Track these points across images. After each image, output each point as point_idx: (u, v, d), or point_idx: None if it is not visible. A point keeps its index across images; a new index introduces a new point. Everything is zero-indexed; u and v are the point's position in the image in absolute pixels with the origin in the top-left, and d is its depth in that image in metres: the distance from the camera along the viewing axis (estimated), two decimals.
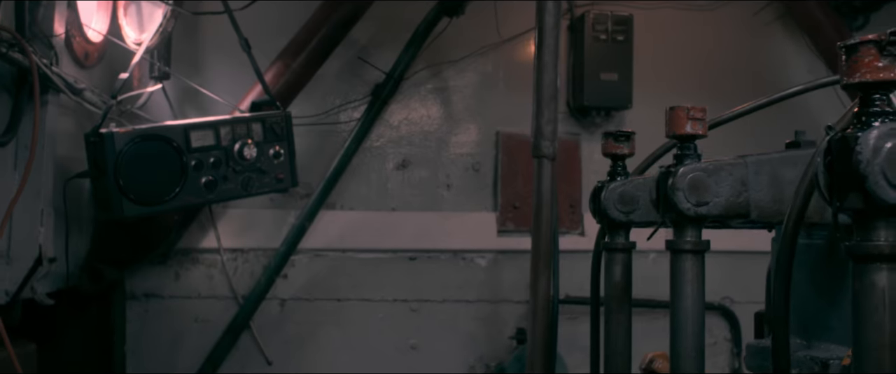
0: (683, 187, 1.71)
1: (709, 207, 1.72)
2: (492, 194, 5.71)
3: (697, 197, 1.72)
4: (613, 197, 2.10)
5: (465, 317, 5.66)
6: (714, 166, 1.74)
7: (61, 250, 3.98)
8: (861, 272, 1.17)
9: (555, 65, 3.25)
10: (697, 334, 1.78)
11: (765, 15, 6.03)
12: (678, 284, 1.79)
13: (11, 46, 3.20)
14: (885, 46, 1.14)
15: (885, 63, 1.14)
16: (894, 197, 1.09)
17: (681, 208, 1.72)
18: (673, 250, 1.80)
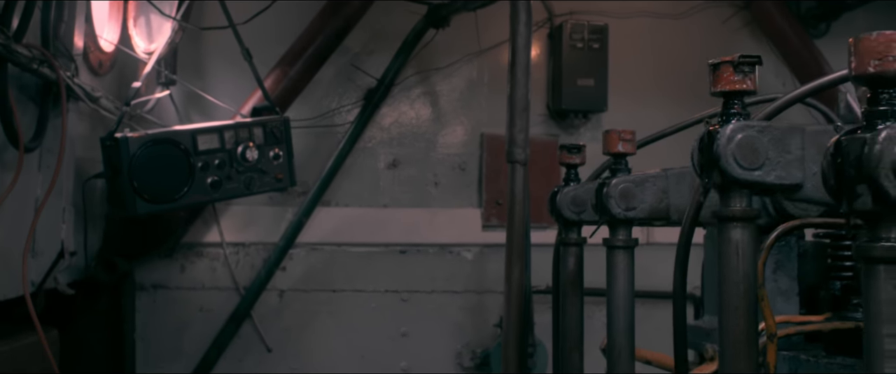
0: (615, 195, 2.10)
1: (636, 211, 2.10)
2: (477, 191, 6.03)
3: (627, 203, 2.10)
4: (567, 200, 2.47)
5: (453, 307, 5.98)
6: (641, 178, 2.13)
7: (80, 244, 4.34)
8: (720, 231, 1.56)
9: (526, 81, 3.65)
10: (629, 314, 2.17)
11: (733, 22, 6.34)
12: (613, 274, 2.18)
13: (42, 63, 3.54)
14: (738, 66, 1.52)
15: (738, 78, 1.52)
16: (741, 174, 1.47)
17: (613, 212, 2.10)
18: (608, 247, 2.19)
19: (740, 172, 1.49)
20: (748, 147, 1.49)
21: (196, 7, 5.12)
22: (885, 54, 1.15)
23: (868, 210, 1.18)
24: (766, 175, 1.49)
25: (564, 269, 2.55)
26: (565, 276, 2.53)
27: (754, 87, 1.54)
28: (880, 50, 1.15)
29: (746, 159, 1.49)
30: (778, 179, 1.50)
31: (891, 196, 1.12)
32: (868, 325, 1.19)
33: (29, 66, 3.39)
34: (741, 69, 1.52)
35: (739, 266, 1.51)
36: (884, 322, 1.16)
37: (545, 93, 6.11)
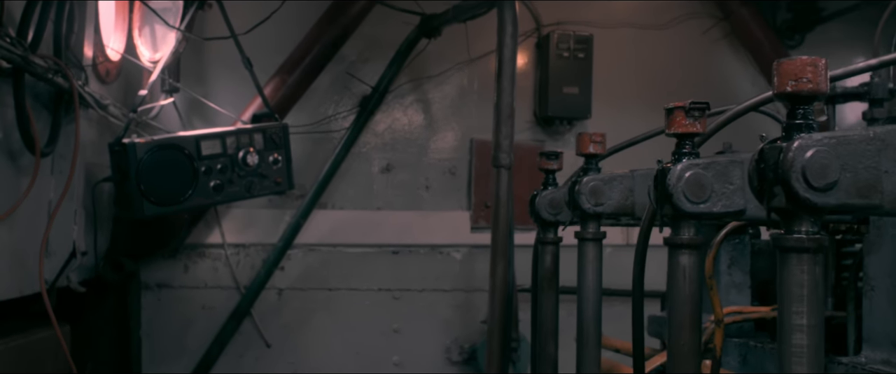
0: (585, 191, 2.34)
1: (604, 207, 2.35)
2: (466, 194, 6.25)
3: (596, 199, 2.35)
4: (544, 202, 2.71)
5: (443, 304, 6.19)
6: (609, 178, 2.37)
7: (91, 244, 4.54)
8: (671, 255, 1.78)
9: (512, 90, 3.91)
10: (596, 302, 2.42)
11: (713, 33, 6.59)
12: (583, 264, 2.43)
13: (56, 73, 3.75)
14: (689, 111, 1.75)
15: (689, 121, 1.75)
16: (690, 208, 1.70)
17: (583, 207, 2.35)
18: (579, 239, 2.44)
19: (690, 206, 1.70)
20: (696, 183, 1.70)
21: (198, 17, 5.33)
22: (799, 76, 1.37)
23: (783, 208, 1.39)
24: (712, 206, 1.71)
25: (542, 266, 2.79)
26: (542, 272, 2.77)
27: (703, 129, 1.77)
28: (796, 73, 1.38)
29: (695, 195, 1.70)
30: (723, 208, 1.71)
31: (800, 196, 1.35)
32: (781, 303, 1.41)
33: (44, 76, 3.58)
34: (692, 114, 1.75)
35: (685, 287, 1.74)
36: (793, 300, 1.39)
37: (532, 100, 6.34)
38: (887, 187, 1.34)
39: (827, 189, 1.32)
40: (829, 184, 1.33)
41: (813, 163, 1.32)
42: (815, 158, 1.32)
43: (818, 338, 1.36)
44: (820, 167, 1.32)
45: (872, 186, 1.34)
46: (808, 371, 1.34)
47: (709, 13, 6.59)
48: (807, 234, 1.36)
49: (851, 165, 1.34)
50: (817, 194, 1.32)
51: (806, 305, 1.34)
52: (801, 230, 1.37)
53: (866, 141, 1.34)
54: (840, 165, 1.33)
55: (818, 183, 1.32)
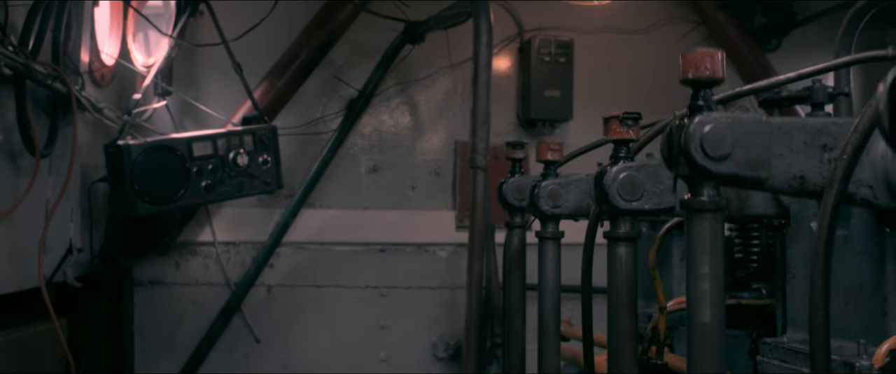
0: (544, 195, 2.54)
1: (561, 208, 2.55)
2: (451, 194, 6.41)
3: (553, 202, 2.55)
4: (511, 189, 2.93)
5: (429, 302, 6.33)
6: (566, 181, 2.57)
7: (86, 242, 4.72)
8: (610, 247, 1.98)
9: (487, 95, 4.11)
10: (555, 294, 2.62)
11: (691, 38, 6.70)
12: (543, 261, 2.63)
13: (54, 78, 3.92)
14: (623, 121, 1.95)
15: (623, 129, 1.96)
16: (625, 205, 1.90)
17: (542, 209, 2.55)
18: (540, 238, 2.64)
19: (623, 203, 1.92)
20: (629, 184, 1.91)
21: (190, 24, 5.51)
22: (700, 65, 1.58)
23: (686, 175, 1.62)
24: (644, 204, 1.92)
25: (509, 249, 2.99)
26: (510, 255, 2.97)
27: (636, 136, 1.99)
28: (697, 63, 1.59)
29: (628, 193, 1.92)
30: (654, 205, 1.93)
31: (698, 164, 1.57)
32: (689, 256, 1.62)
33: (44, 82, 3.76)
34: (626, 123, 1.96)
35: (622, 274, 1.95)
36: (697, 252, 1.60)
37: (515, 103, 6.51)
38: (775, 166, 1.57)
39: (721, 159, 1.55)
40: (723, 155, 1.55)
41: (710, 136, 1.55)
42: (711, 132, 1.54)
43: (719, 284, 1.57)
44: (716, 140, 1.54)
45: (762, 162, 1.57)
46: (711, 313, 1.53)
47: (687, 17, 6.73)
48: (708, 197, 1.57)
49: (743, 141, 1.57)
50: (713, 163, 1.55)
51: (708, 255, 1.56)
52: (704, 194, 1.58)
53: (758, 123, 1.57)
54: (733, 140, 1.55)
55: (714, 153, 1.54)
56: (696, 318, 1.57)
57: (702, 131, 1.55)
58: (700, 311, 1.56)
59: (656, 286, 2.30)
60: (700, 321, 1.56)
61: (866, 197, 1.70)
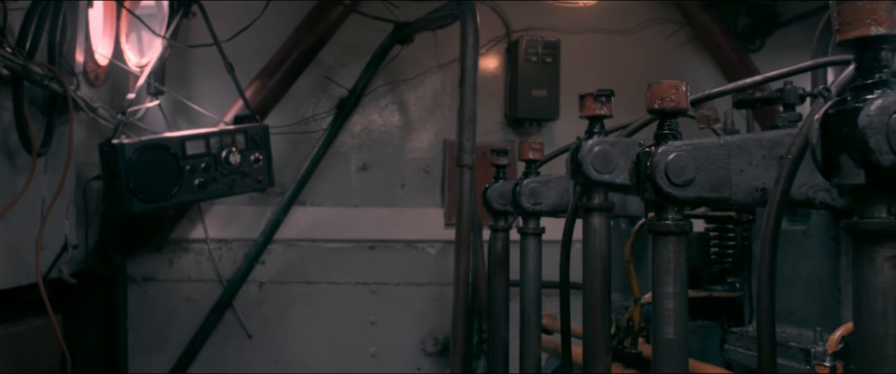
0: (525, 193, 2.65)
1: (542, 205, 2.66)
2: (440, 192, 6.50)
3: (535, 199, 2.65)
4: (495, 194, 3.02)
5: (418, 297, 6.42)
6: (546, 180, 2.68)
7: (82, 239, 4.80)
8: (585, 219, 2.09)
9: (473, 96, 4.21)
10: (537, 288, 2.73)
11: (677, 38, 6.83)
12: (525, 256, 2.74)
13: (51, 79, 4.00)
14: (597, 97, 2.06)
15: (597, 106, 2.07)
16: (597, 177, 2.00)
17: (524, 206, 2.66)
18: (522, 234, 2.75)
19: (596, 175, 2.03)
20: (602, 157, 2.03)
21: (183, 24, 5.57)
22: (665, 97, 1.69)
23: (652, 200, 1.72)
24: (615, 177, 2.04)
25: (493, 250, 3.10)
26: (494, 256, 3.08)
27: (610, 112, 2.10)
28: (662, 94, 1.70)
29: (602, 166, 2.03)
30: (625, 180, 2.04)
31: (664, 190, 1.67)
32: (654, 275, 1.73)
33: (41, 83, 3.84)
34: (599, 100, 2.07)
35: (597, 244, 2.05)
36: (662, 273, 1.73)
37: (503, 102, 6.61)
38: (735, 182, 1.67)
39: (685, 185, 1.65)
40: (687, 181, 1.65)
41: (674, 164, 1.65)
42: (675, 160, 1.64)
43: (682, 303, 1.68)
44: (679, 168, 1.64)
45: (724, 183, 1.66)
46: (675, 330, 1.65)
47: (672, 18, 6.83)
48: (672, 220, 1.68)
49: (706, 165, 1.66)
50: (677, 189, 1.65)
51: (672, 276, 1.67)
52: (668, 218, 1.69)
53: (718, 147, 1.66)
54: (696, 165, 1.65)
55: (678, 180, 1.65)
56: (661, 334, 1.68)
57: (666, 160, 1.66)
58: (665, 328, 1.67)
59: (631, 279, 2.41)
60: (664, 338, 1.67)
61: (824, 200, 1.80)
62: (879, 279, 1.09)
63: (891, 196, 1.10)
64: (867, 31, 1.10)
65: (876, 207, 1.11)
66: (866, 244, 1.11)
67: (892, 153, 1.06)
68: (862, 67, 1.14)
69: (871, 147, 1.07)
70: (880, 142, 1.06)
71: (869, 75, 1.13)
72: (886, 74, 1.12)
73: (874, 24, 1.09)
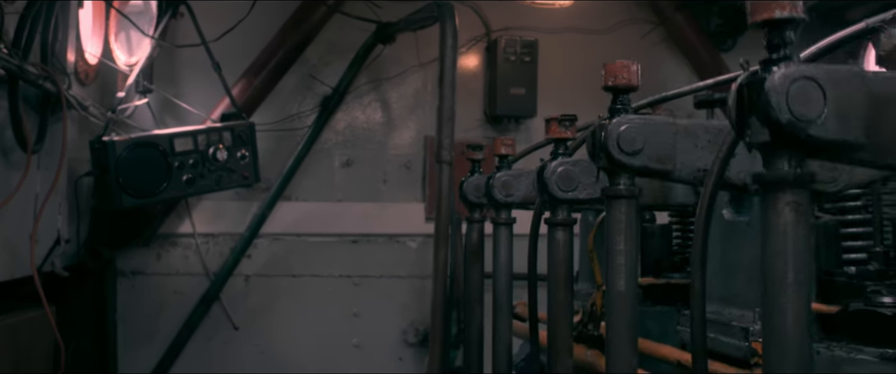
0: (498, 185, 2.84)
1: (513, 197, 2.85)
2: (421, 187, 6.65)
3: (506, 191, 2.84)
4: (471, 187, 3.21)
5: (399, 290, 6.57)
6: (518, 173, 2.87)
7: (73, 233, 4.93)
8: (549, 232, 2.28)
9: (452, 95, 4.40)
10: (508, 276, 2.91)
11: (651, 37, 7.01)
12: (497, 245, 2.93)
13: (45, 79, 4.12)
14: (560, 122, 2.25)
15: (562, 129, 2.25)
16: (561, 195, 2.20)
17: (496, 198, 2.84)
18: (494, 224, 2.94)
19: (561, 193, 2.22)
20: (566, 176, 2.22)
21: (171, 24, 5.70)
22: (618, 75, 1.89)
23: (606, 167, 1.91)
24: (578, 194, 2.22)
25: (469, 240, 3.29)
26: (470, 246, 3.27)
27: (573, 135, 2.29)
28: (616, 72, 1.89)
29: (565, 185, 2.22)
30: (587, 195, 2.22)
31: (614, 157, 1.85)
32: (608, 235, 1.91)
33: (36, 82, 3.99)
34: (563, 124, 2.26)
35: (560, 254, 2.25)
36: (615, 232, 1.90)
37: (483, 100, 6.77)
38: (680, 160, 1.87)
39: (634, 154, 1.85)
40: (636, 150, 1.85)
41: (625, 134, 1.85)
42: (626, 131, 1.85)
43: (632, 259, 1.87)
44: (629, 138, 1.84)
45: (668, 157, 1.87)
46: (625, 283, 1.83)
47: (646, 18, 7.01)
48: (624, 185, 1.88)
49: (653, 139, 1.87)
50: (627, 157, 1.85)
51: (623, 235, 1.86)
52: (621, 183, 1.89)
53: (666, 124, 1.88)
54: (644, 138, 1.85)
55: (628, 149, 1.85)
56: (614, 287, 1.88)
57: (618, 130, 1.86)
58: (617, 282, 1.87)
59: (594, 267, 2.60)
60: (616, 290, 1.87)
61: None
62: (780, 220, 1.31)
63: (790, 151, 1.32)
64: (773, 14, 1.33)
65: (779, 160, 1.33)
66: (771, 192, 1.33)
67: (789, 113, 1.29)
68: (770, 44, 1.36)
69: (773, 106, 1.28)
70: (780, 103, 1.29)
71: (775, 51, 1.35)
72: (790, 50, 1.35)
73: (779, 8, 1.32)
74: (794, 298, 1.32)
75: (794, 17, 1.33)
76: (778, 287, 1.32)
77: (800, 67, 1.33)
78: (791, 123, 1.29)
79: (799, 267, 1.32)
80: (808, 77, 1.30)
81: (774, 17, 1.34)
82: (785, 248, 1.32)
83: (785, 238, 1.32)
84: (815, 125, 1.30)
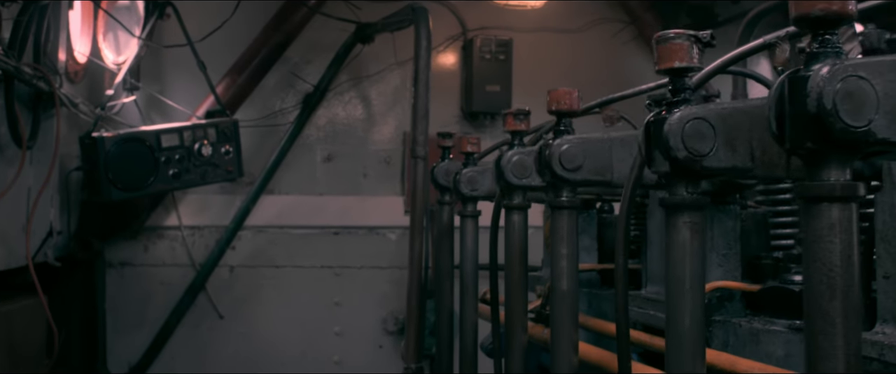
0: (464, 180, 3.09)
1: (478, 191, 3.09)
2: (400, 181, 6.85)
3: (472, 186, 3.09)
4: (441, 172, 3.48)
5: (379, 280, 6.76)
6: (483, 169, 3.12)
7: (65, 225, 5.11)
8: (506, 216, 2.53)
9: (426, 93, 4.63)
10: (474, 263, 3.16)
11: (622, 36, 7.23)
12: (463, 235, 3.18)
13: (39, 78, 4.30)
14: (517, 116, 2.49)
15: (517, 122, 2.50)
16: (516, 182, 2.45)
17: (462, 192, 3.09)
18: (461, 216, 3.19)
19: (516, 180, 2.47)
20: (520, 165, 2.47)
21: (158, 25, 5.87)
22: (560, 101, 2.13)
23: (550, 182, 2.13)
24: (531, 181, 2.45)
25: (439, 223, 3.53)
26: (440, 227, 3.51)
27: (527, 128, 2.53)
28: (558, 98, 2.13)
29: (519, 173, 2.47)
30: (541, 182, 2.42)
31: (557, 174, 2.10)
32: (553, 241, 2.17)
33: (30, 82, 4.17)
34: (519, 117, 2.51)
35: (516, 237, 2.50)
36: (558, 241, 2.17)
37: (460, 97, 7.00)
38: (617, 169, 2.11)
39: (575, 170, 2.09)
40: (576, 167, 2.09)
41: (566, 153, 2.09)
42: (567, 150, 2.09)
43: (573, 262, 2.11)
44: (570, 156, 2.08)
45: (606, 168, 2.11)
46: (567, 283, 2.09)
47: (617, 18, 7.23)
48: (566, 198, 2.12)
49: (592, 155, 2.11)
50: (568, 173, 2.09)
51: (566, 241, 2.10)
52: (563, 196, 2.13)
53: (602, 141, 2.11)
54: (584, 155, 2.09)
55: (569, 166, 2.09)
56: (558, 286, 2.13)
57: (560, 150, 2.10)
58: (561, 282, 2.12)
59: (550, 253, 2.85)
60: (561, 290, 2.12)
61: None
62: (679, 237, 1.57)
63: (686, 180, 1.57)
64: (673, 64, 1.57)
65: (678, 187, 1.58)
66: (672, 213, 1.58)
67: (685, 150, 1.53)
68: (673, 89, 1.60)
69: (671, 146, 1.53)
70: (677, 142, 1.53)
71: (677, 95, 1.59)
72: (688, 94, 1.59)
73: (678, 59, 1.56)
74: (689, 300, 1.59)
75: (692, 67, 1.57)
76: (678, 291, 1.58)
77: (693, 109, 1.57)
78: (687, 158, 1.54)
79: (694, 275, 1.59)
80: (701, 118, 1.55)
81: (675, 67, 1.58)
82: (684, 259, 1.58)
83: (683, 251, 1.58)
84: (708, 158, 1.55)
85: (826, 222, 1.19)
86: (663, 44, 1.58)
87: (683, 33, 1.60)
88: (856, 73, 1.18)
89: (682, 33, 1.60)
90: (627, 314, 1.79)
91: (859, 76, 1.17)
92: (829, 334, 1.18)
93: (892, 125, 1.18)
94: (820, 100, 1.16)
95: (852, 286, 1.18)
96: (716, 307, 2.33)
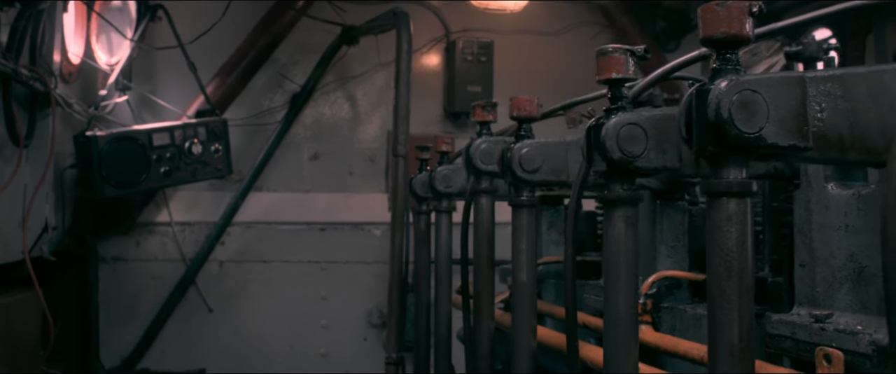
0: (439, 178, 3.29)
1: (452, 188, 3.30)
2: (384, 179, 7.01)
3: (446, 183, 3.29)
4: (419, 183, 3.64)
5: (364, 275, 6.94)
6: (457, 167, 3.32)
7: (60, 221, 5.27)
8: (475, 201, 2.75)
9: (407, 94, 4.83)
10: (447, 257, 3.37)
11: (600, 39, 7.36)
12: (438, 230, 3.39)
13: (35, 79, 4.46)
14: (485, 107, 2.70)
15: (485, 113, 2.71)
16: (483, 167, 2.66)
17: (437, 189, 3.29)
18: (437, 212, 3.40)
19: (483, 166, 2.67)
20: (487, 152, 2.67)
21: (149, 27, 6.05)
22: (522, 107, 2.34)
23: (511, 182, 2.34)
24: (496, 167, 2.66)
25: (418, 230, 3.74)
26: (418, 234, 3.72)
27: (495, 118, 2.74)
28: (519, 105, 2.34)
29: (486, 159, 2.67)
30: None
31: (517, 175, 2.30)
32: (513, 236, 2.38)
33: (27, 83, 4.34)
34: (487, 109, 2.72)
35: (484, 218, 2.71)
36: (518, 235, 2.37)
37: (442, 97, 7.18)
38: (573, 169, 2.32)
39: (534, 171, 2.30)
40: (535, 168, 2.30)
41: (526, 156, 2.30)
42: (527, 153, 2.30)
43: (531, 256, 2.32)
44: (529, 159, 2.29)
45: (563, 169, 2.32)
46: (526, 275, 2.30)
47: (596, 21, 7.43)
48: (526, 197, 2.33)
49: (549, 157, 2.31)
50: (527, 174, 2.30)
51: (525, 237, 2.31)
52: (523, 195, 2.34)
53: (559, 145, 2.32)
54: (542, 157, 2.30)
55: (528, 168, 2.29)
56: (517, 278, 2.35)
57: (520, 153, 2.31)
58: (520, 273, 2.34)
59: None
60: (520, 280, 2.33)
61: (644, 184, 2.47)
62: (615, 230, 1.78)
63: (621, 179, 1.79)
64: (611, 75, 1.78)
65: (614, 185, 1.80)
66: (609, 208, 1.80)
67: (620, 151, 1.75)
68: (612, 97, 1.81)
69: (607, 148, 1.75)
70: (613, 144, 1.75)
71: (614, 102, 1.81)
72: (624, 103, 1.80)
73: (615, 71, 1.77)
74: (624, 287, 1.81)
75: (628, 78, 1.79)
76: (614, 278, 1.80)
77: (628, 115, 1.78)
78: (622, 160, 1.76)
79: (628, 264, 1.81)
80: (634, 123, 1.76)
81: (612, 78, 1.79)
82: (619, 250, 1.79)
83: (619, 243, 1.79)
84: (640, 158, 1.76)
85: (724, 213, 1.40)
86: (603, 57, 1.79)
87: (621, 48, 1.82)
88: (749, 87, 1.39)
89: (620, 48, 1.82)
90: (575, 299, 1.99)
91: (752, 90, 1.39)
92: (725, 309, 1.40)
93: (780, 132, 1.40)
94: (718, 110, 1.38)
95: (746, 269, 1.40)
96: (664, 295, 2.54)
